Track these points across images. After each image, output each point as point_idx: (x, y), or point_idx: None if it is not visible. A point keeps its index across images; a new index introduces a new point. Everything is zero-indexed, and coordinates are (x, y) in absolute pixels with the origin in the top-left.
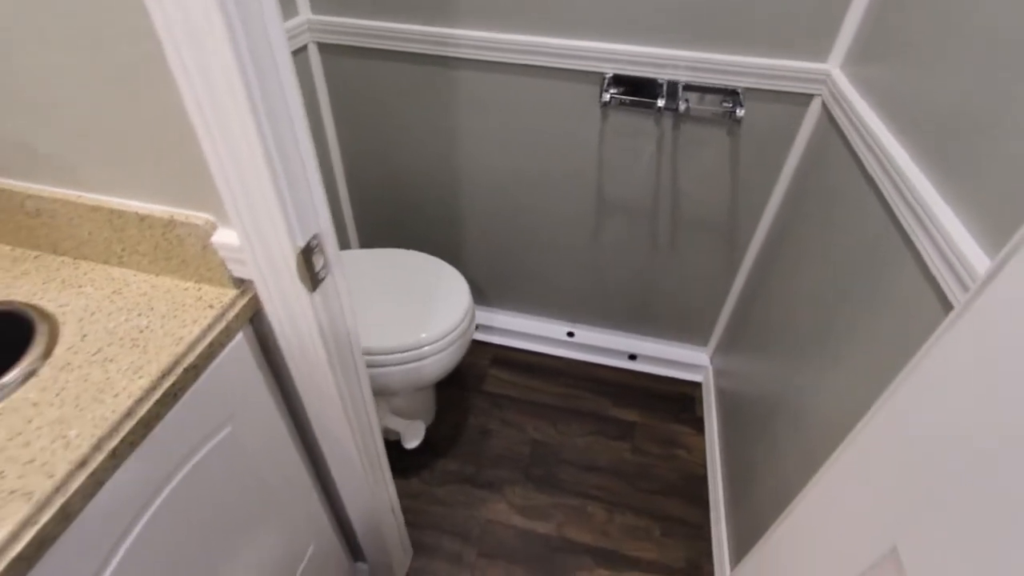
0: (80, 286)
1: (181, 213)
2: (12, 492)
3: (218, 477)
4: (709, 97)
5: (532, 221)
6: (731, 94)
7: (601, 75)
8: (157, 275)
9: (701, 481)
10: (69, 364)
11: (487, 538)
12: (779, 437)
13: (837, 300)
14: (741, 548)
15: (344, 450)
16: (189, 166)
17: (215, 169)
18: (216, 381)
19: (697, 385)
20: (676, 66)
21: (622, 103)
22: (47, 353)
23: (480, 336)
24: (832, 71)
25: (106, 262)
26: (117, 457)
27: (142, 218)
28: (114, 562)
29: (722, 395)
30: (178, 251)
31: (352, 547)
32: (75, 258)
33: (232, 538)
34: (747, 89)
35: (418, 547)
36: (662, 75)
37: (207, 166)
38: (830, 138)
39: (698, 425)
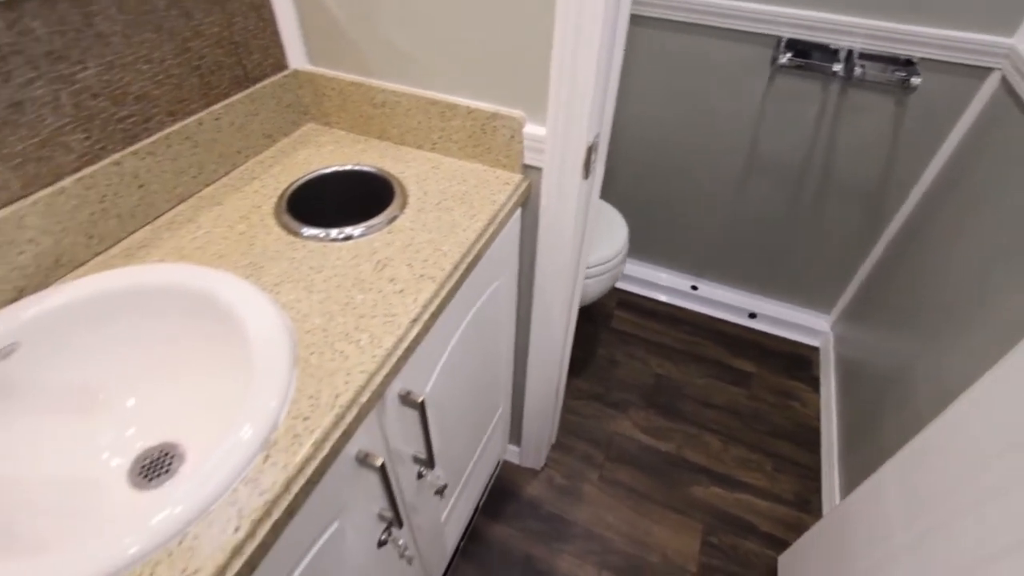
0: (406, 162)
1: (503, 109)
2: (420, 276)
3: (486, 320)
4: (881, 65)
5: (679, 175)
6: (905, 64)
7: (776, 38)
8: (461, 159)
9: (814, 432)
10: (422, 208)
11: (613, 446)
12: (914, 397)
13: (1016, 259)
14: (852, 489)
15: (552, 319)
16: (530, 73)
17: (554, 76)
18: (503, 241)
19: (814, 349)
20: (853, 33)
21: (797, 66)
22: (404, 202)
23: None
24: (1018, 45)
25: (420, 147)
26: (468, 269)
27: (469, 111)
28: (454, 340)
29: (842, 361)
30: (488, 140)
31: (514, 429)
32: (397, 143)
33: (481, 371)
34: (921, 59)
35: (554, 444)
36: (837, 41)
37: (548, 73)
38: (1010, 109)
39: (813, 384)
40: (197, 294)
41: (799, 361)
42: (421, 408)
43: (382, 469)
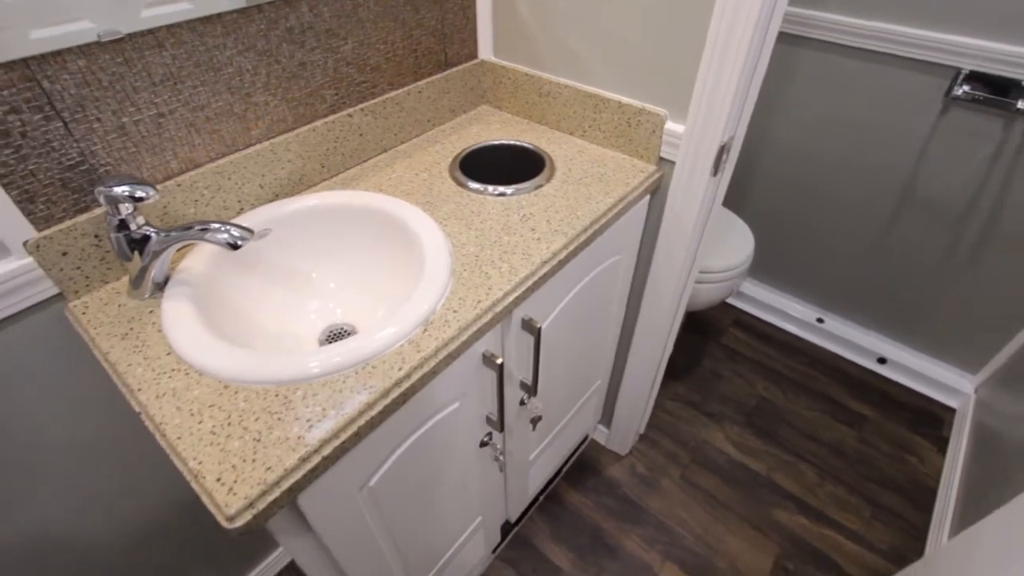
0: (557, 143)
1: (649, 106)
2: (555, 231)
3: (601, 287)
4: None
5: (822, 202)
6: None
7: (955, 69)
8: (604, 147)
9: (928, 491)
10: (565, 182)
11: (701, 452)
12: None
13: None
14: None
15: (661, 307)
16: (678, 78)
17: (699, 83)
18: (627, 221)
19: (949, 410)
20: None
21: (974, 100)
22: (551, 175)
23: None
24: None
25: (571, 133)
26: (595, 234)
27: (620, 105)
28: (572, 293)
29: (981, 427)
30: (631, 133)
31: (606, 410)
32: (552, 128)
33: (588, 335)
34: None
35: (641, 436)
36: None
37: (694, 80)
38: None
39: (939, 444)
40: (390, 215)
41: (928, 418)
42: (537, 334)
43: (500, 368)
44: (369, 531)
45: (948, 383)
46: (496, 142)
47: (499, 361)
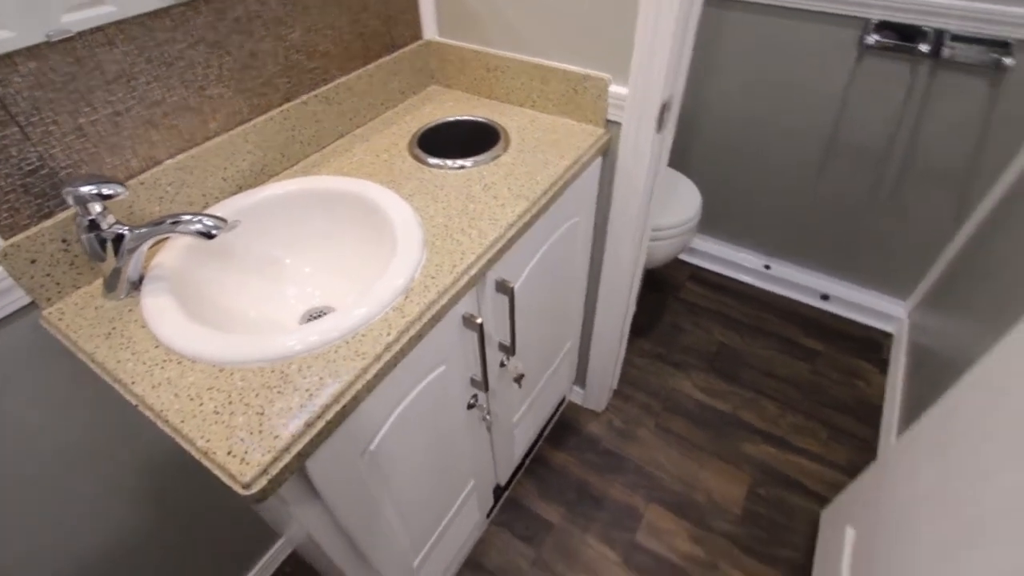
0: (509, 116)
1: (592, 72)
2: (517, 196)
3: (564, 249)
4: (974, 46)
5: (758, 156)
6: (1001, 45)
7: (864, 20)
8: (554, 115)
9: (875, 409)
10: (521, 151)
11: (671, 400)
12: None
13: None
14: None
15: (620, 265)
16: (618, 42)
17: (638, 45)
18: (583, 183)
19: (887, 335)
20: (946, 15)
21: (884, 47)
22: (507, 145)
23: (681, 255)
24: None
25: (522, 105)
26: (554, 196)
27: (565, 74)
28: (538, 256)
29: (916, 347)
30: (578, 99)
31: (580, 371)
32: (503, 101)
33: (557, 296)
34: (1019, 41)
35: (615, 392)
36: (929, 23)
37: (632, 43)
38: None
39: (882, 366)
40: (357, 195)
41: (870, 344)
42: (511, 294)
43: (480, 328)
44: (371, 496)
45: (884, 311)
46: (451, 119)
47: (479, 321)
